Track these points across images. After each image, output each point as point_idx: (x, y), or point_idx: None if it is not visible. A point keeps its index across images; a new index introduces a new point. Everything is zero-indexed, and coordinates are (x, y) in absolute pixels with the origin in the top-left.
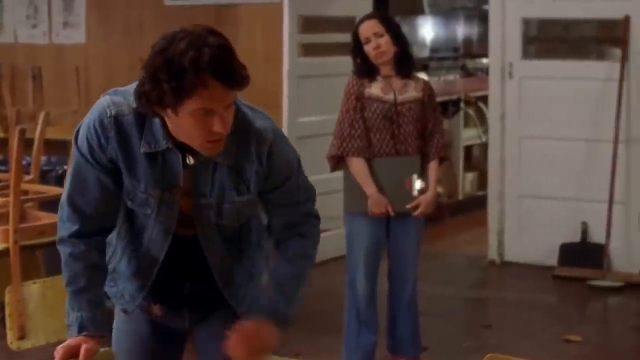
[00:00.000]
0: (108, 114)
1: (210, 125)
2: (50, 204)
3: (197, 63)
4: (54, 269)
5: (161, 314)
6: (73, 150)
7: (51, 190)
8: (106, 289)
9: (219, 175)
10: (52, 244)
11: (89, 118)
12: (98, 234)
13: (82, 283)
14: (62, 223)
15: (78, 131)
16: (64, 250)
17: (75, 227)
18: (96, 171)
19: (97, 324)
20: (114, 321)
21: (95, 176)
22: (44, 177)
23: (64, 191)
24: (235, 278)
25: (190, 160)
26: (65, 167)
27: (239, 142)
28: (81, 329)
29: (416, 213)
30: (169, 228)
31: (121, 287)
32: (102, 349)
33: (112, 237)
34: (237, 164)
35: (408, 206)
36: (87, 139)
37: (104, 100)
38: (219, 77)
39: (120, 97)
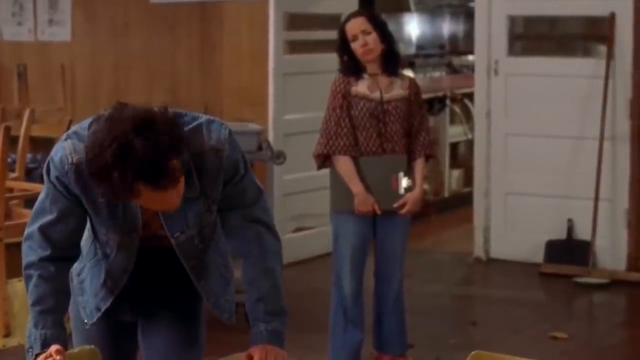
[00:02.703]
0: (69, 161)
1: (157, 208)
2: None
3: (125, 179)
4: None
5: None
6: (45, 179)
7: (36, 187)
8: (74, 296)
9: (189, 207)
10: None
11: (55, 158)
12: (67, 260)
13: (50, 304)
14: (32, 250)
15: (49, 164)
16: (33, 273)
17: (46, 253)
18: (67, 201)
19: (60, 342)
20: (70, 310)
21: (66, 206)
22: (29, 175)
23: (33, 217)
24: (210, 270)
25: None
26: None
27: (199, 171)
28: (44, 345)
29: (403, 211)
30: (127, 267)
31: (85, 299)
32: (88, 346)
33: (82, 253)
34: (203, 189)
35: (395, 205)
36: (56, 175)
37: (66, 145)
38: (148, 184)
39: (81, 143)
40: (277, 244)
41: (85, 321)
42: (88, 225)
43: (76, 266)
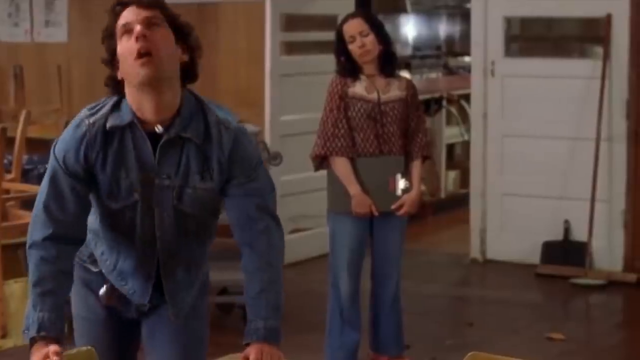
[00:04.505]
0: (87, 122)
1: (133, 43)
2: (32, 203)
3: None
4: None
5: (116, 302)
6: (50, 159)
7: (33, 189)
8: (118, 286)
9: (186, 157)
10: None
11: (68, 130)
12: (69, 243)
13: (49, 286)
14: (36, 229)
15: (57, 142)
16: (35, 253)
17: (49, 231)
18: (71, 180)
19: (55, 326)
20: (73, 309)
21: (70, 185)
22: (25, 176)
23: (38, 198)
24: (178, 278)
25: (159, 128)
26: (46, 166)
27: (206, 126)
28: (40, 329)
29: (400, 212)
30: (152, 206)
31: (130, 284)
32: (85, 347)
33: (100, 250)
34: (204, 149)
35: (392, 207)
36: (64, 150)
37: (81, 114)
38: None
39: (95, 109)
40: (282, 242)
41: (141, 307)
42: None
43: (108, 261)
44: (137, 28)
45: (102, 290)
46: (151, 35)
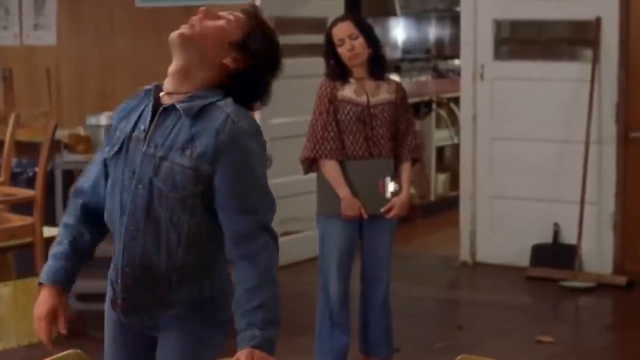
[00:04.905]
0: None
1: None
2: (21, 207)
3: None
4: (25, 271)
5: (120, 309)
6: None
7: (22, 192)
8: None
9: (177, 131)
10: (23, 247)
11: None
12: (95, 217)
13: (57, 239)
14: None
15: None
16: (64, 219)
17: (79, 184)
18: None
19: (57, 274)
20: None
21: (97, 159)
22: (14, 180)
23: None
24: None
25: (165, 100)
26: (35, 169)
27: (202, 108)
28: (44, 278)
29: (390, 215)
30: (132, 174)
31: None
32: (73, 350)
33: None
34: (195, 127)
35: (382, 209)
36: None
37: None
38: None
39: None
40: (277, 257)
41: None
42: None
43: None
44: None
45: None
46: (201, 22)
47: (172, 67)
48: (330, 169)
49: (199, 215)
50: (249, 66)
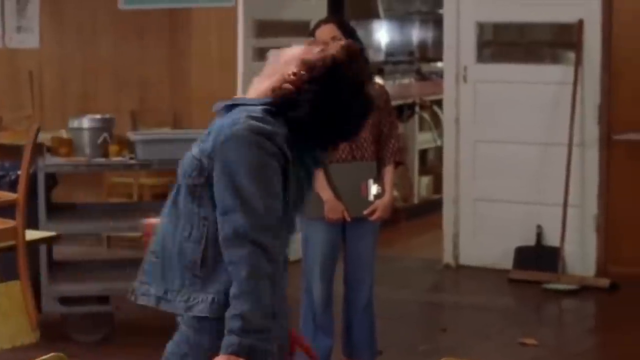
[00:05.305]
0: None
1: None
2: (3, 210)
3: None
4: (7, 274)
5: None
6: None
7: (4, 195)
8: None
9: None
10: (6, 250)
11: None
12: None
13: None
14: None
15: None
16: None
17: None
18: None
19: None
20: None
21: None
22: None
23: None
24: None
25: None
26: (18, 172)
27: (229, 112)
28: None
29: (373, 218)
30: None
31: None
32: (55, 354)
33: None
34: (212, 127)
35: (365, 212)
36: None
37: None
38: None
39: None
40: (266, 270)
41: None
42: None
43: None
44: None
45: None
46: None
47: None
48: None
49: (206, 207)
50: (306, 89)
